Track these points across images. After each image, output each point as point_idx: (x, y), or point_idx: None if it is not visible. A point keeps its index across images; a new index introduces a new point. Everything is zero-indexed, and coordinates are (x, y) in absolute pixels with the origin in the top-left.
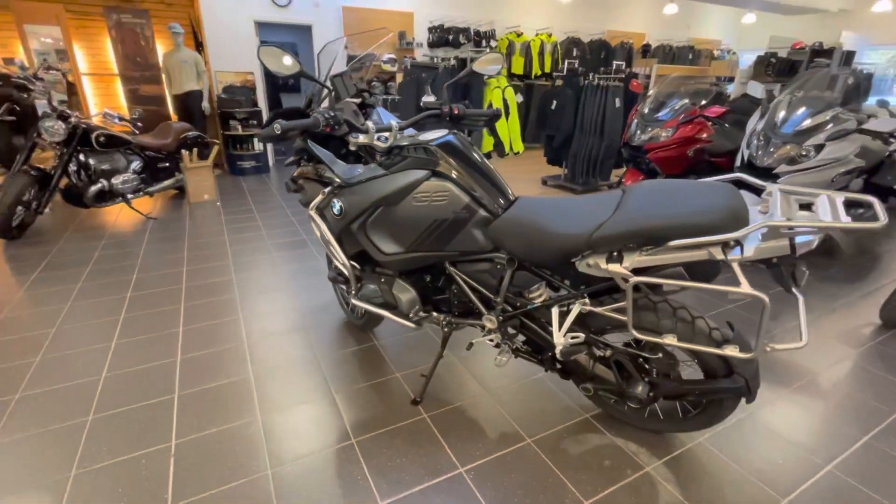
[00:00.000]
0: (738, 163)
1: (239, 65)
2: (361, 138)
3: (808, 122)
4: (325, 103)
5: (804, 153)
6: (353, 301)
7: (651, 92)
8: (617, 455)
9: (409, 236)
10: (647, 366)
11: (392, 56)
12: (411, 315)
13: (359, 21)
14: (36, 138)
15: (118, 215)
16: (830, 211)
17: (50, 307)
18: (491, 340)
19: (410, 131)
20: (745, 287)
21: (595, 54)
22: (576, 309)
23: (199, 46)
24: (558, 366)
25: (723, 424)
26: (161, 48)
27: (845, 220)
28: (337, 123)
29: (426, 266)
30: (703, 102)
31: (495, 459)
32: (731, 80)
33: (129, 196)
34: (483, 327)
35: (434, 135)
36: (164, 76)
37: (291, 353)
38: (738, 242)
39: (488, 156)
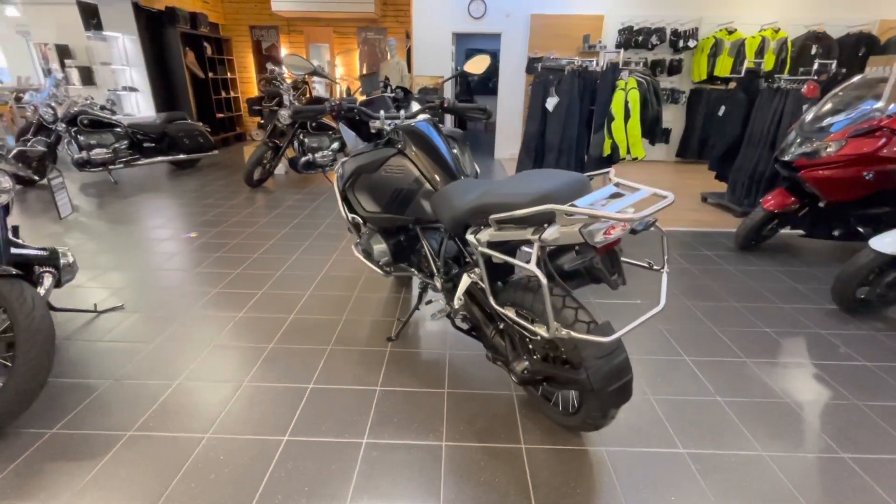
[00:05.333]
0: None
1: (434, 69)
2: (377, 123)
3: None
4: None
5: None
6: (353, 247)
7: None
8: (506, 427)
9: (380, 199)
10: (530, 346)
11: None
12: (381, 263)
13: (545, 27)
14: (276, 121)
15: (315, 181)
16: (622, 204)
17: (261, 220)
18: (444, 300)
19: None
20: (531, 265)
21: (849, 51)
22: (467, 277)
23: (409, 55)
24: (464, 326)
25: (653, 449)
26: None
27: (613, 212)
28: (342, 110)
29: (402, 228)
30: (894, 108)
31: (407, 392)
32: None
33: (326, 168)
34: (436, 287)
35: (409, 121)
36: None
37: (339, 289)
38: (550, 224)
39: (609, 158)
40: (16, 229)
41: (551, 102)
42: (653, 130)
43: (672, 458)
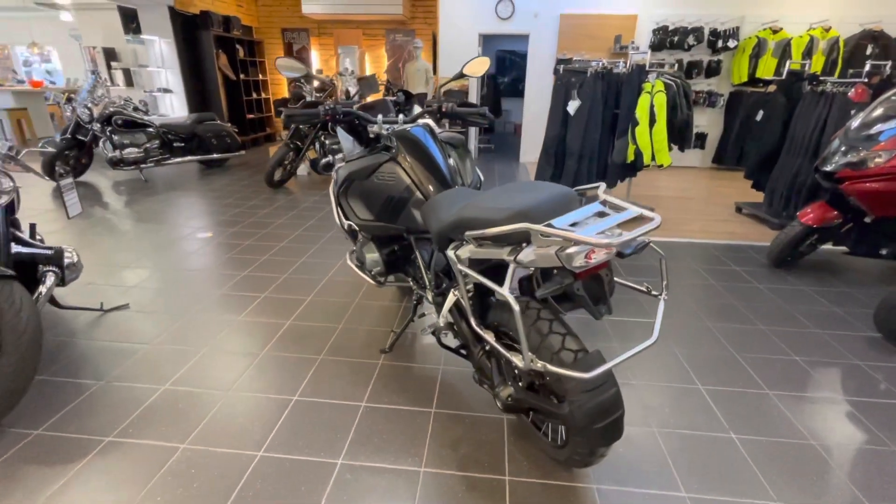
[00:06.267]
0: None
1: None
2: (375, 128)
3: None
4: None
5: None
6: (347, 255)
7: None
8: (492, 455)
9: (372, 207)
10: (516, 371)
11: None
12: (373, 272)
13: (575, 27)
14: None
15: None
16: (605, 225)
17: (276, 221)
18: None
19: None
20: (504, 289)
21: None
22: (452, 294)
23: (435, 57)
24: (451, 344)
25: (651, 491)
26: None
27: (591, 235)
28: (337, 114)
29: (396, 237)
30: None
31: (393, 409)
32: None
33: None
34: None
35: (403, 126)
36: (403, 81)
37: (340, 295)
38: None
39: (633, 165)
40: (32, 227)
41: (573, 106)
42: (682, 136)
43: (671, 503)
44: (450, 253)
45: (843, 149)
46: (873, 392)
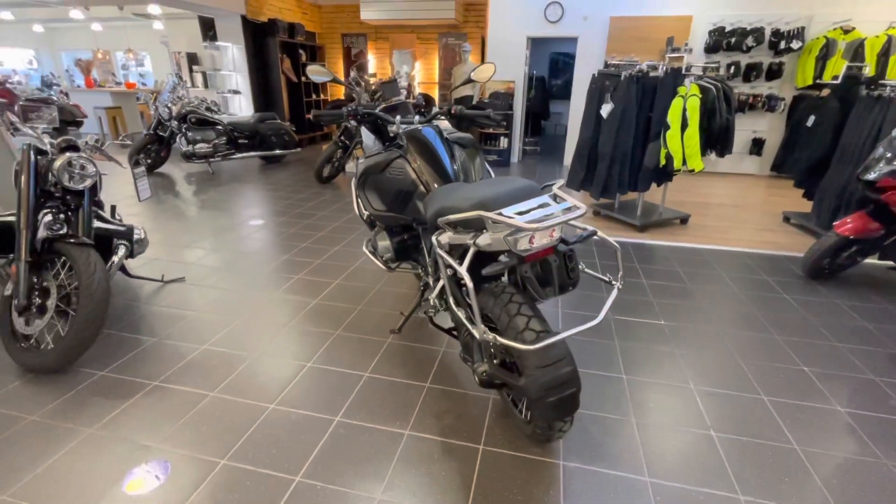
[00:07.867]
0: None
1: (507, 74)
2: (393, 127)
3: None
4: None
5: None
6: (364, 242)
7: None
8: (472, 427)
9: (384, 198)
10: (491, 349)
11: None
12: (384, 258)
13: (625, 30)
14: (343, 121)
15: None
16: (542, 213)
17: (320, 213)
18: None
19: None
20: (462, 268)
21: None
22: (442, 279)
23: (483, 60)
24: (443, 325)
25: (613, 472)
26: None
27: (524, 221)
28: (360, 115)
29: (407, 227)
30: None
31: (391, 381)
32: None
33: None
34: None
35: (415, 126)
36: (452, 83)
37: (365, 281)
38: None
39: (664, 169)
40: (113, 208)
41: (606, 109)
42: (722, 141)
43: (632, 485)
44: (433, 238)
45: (887, 156)
46: (880, 407)
